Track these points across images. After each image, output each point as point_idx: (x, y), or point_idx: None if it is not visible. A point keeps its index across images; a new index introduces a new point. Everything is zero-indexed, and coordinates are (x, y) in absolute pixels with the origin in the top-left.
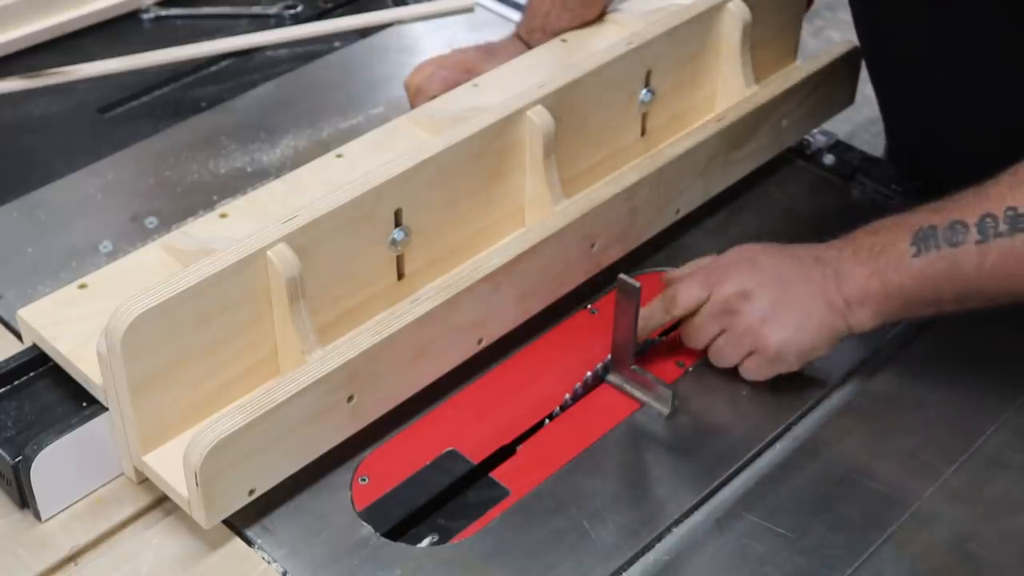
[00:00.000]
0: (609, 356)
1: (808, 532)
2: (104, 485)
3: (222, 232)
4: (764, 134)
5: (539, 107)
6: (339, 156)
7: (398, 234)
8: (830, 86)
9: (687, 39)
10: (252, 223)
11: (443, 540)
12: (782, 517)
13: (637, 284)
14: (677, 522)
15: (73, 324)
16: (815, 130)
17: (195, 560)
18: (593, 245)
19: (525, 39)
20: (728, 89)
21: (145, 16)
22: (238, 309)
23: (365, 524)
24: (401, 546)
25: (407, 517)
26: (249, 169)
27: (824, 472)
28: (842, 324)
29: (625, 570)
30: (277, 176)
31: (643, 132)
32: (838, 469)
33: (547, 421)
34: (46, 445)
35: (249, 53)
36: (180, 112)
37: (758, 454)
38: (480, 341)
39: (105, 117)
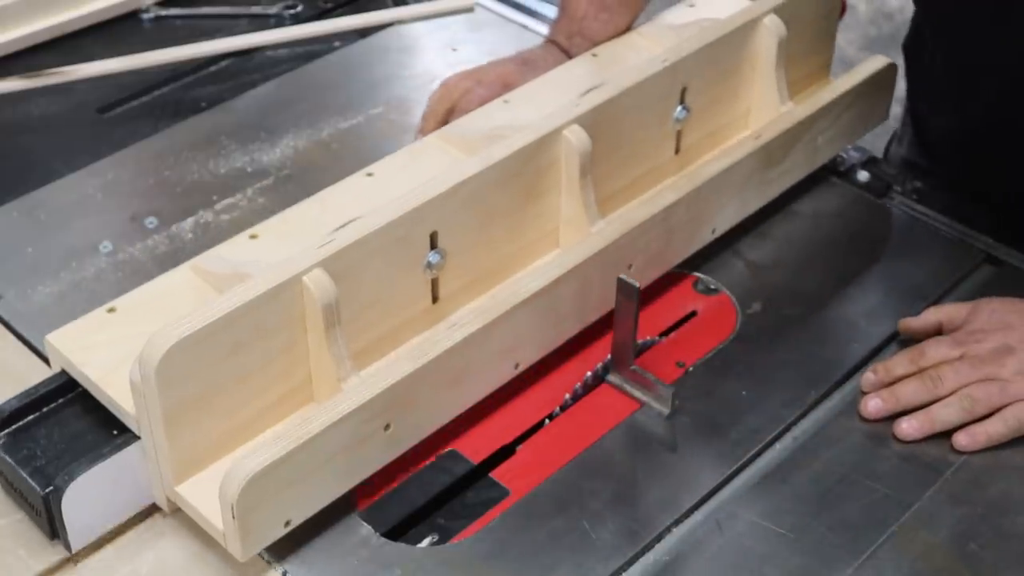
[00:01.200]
0: (609, 356)
1: (808, 532)
2: (134, 515)
3: (253, 254)
4: (800, 151)
5: (575, 126)
6: (369, 175)
7: (433, 257)
8: (865, 102)
9: (722, 55)
10: (283, 245)
11: (443, 540)
12: (782, 517)
13: (637, 284)
14: (677, 522)
15: (102, 349)
16: (848, 146)
17: (195, 561)
18: (630, 266)
19: (565, 46)
20: (762, 105)
21: (145, 16)
22: (273, 336)
23: (365, 524)
24: (401, 546)
25: (407, 517)
26: (249, 169)
27: (824, 472)
28: None
29: (625, 570)
30: (277, 176)
31: (677, 150)
32: (838, 469)
33: (547, 421)
34: (77, 475)
35: (249, 53)
36: (180, 112)
37: (758, 454)
38: (517, 366)
39: (105, 117)
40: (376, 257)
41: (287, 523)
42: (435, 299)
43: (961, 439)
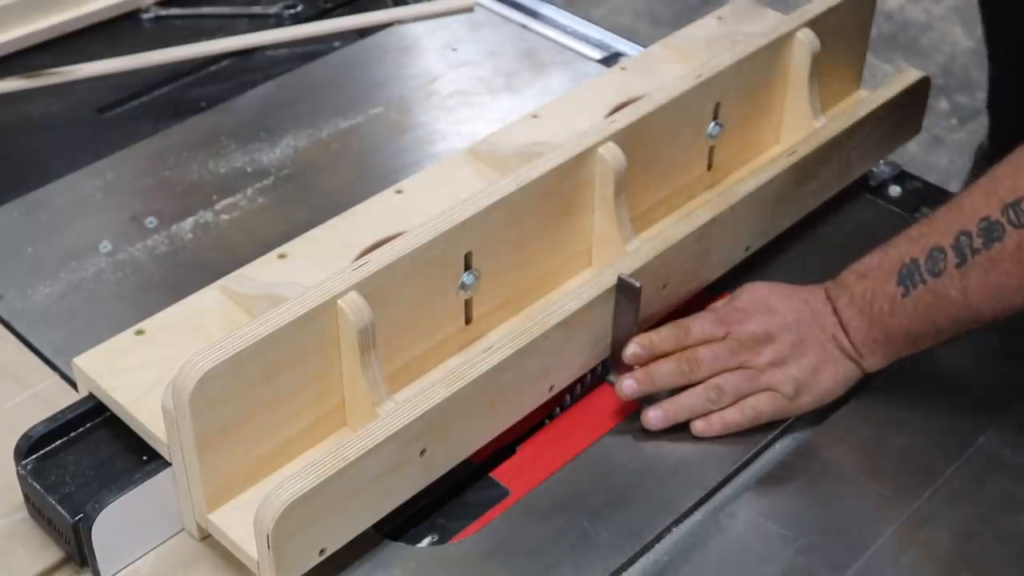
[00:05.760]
0: (609, 356)
1: (808, 532)
2: (163, 543)
3: (283, 275)
4: (833, 167)
5: (610, 144)
6: (399, 192)
7: (468, 278)
8: (898, 117)
9: (756, 69)
10: (313, 264)
11: (443, 540)
12: (782, 517)
13: (637, 284)
14: (677, 522)
15: (131, 373)
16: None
17: (194, 561)
18: (664, 286)
19: None
20: (794, 120)
21: (145, 16)
22: (307, 361)
23: None
24: (401, 546)
25: (407, 517)
26: (249, 169)
27: (823, 472)
28: (856, 369)
29: (625, 570)
30: (277, 176)
31: (709, 166)
32: (837, 469)
33: (547, 421)
34: (108, 503)
35: (249, 53)
36: (180, 112)
37: (758, 454)
38: (551, 388)
39: (105, 117)
40: (411, 279)
41: (321, 551)
42: (468, 320)
43: (698, 425)
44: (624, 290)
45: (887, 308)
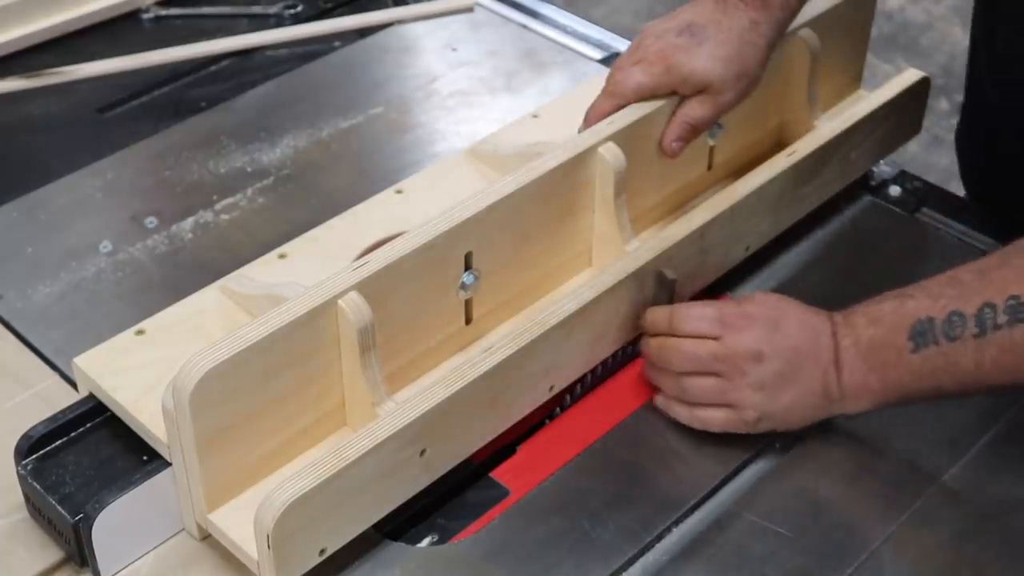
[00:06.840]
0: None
1: (808, 532)
2: (163, 543)
3: (283, 275)
4: (833, 167)
5: (610, 143)
6: (399, 192)
7: (468, 278)
8: (898, 117)
9: None
10: (313, 264)
11: (443, 540)
12: (782, 517)
13: (672, 276)
14: (677, 522)
15: (132, 373)
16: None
17: (194, 560)
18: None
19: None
20: (794, 120)
21: (145, 16)
22: (307, 361)
23: None
24: (401, 546)
25: (407, 517)
26: (249, 169)
27: (824, 472)
28: (826, 412)
29: (625, 570)
30: (277, 176)
31: (709, 166)
32: (838, 469)
33: (547, 421)
34: (108, 503)
35: (249, 53)
36: (180, 112)
37: (758, 454)
38: (551, 388)
39: (105, 117)
40: (411, 279)
41: (322, 551)
42: (468, 320)
43: (658, 400)
44: (662, 283)
45: (892, 360)
